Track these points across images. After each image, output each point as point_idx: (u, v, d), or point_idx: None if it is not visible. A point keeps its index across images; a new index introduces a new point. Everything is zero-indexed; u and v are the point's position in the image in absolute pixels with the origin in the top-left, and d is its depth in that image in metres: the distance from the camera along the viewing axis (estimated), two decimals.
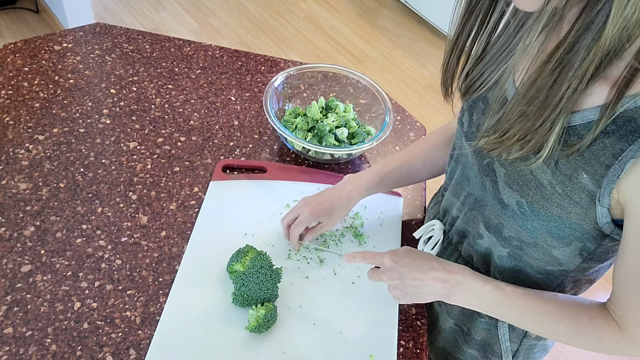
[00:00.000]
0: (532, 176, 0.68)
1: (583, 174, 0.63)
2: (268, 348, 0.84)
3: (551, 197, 0.67)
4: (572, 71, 0.57)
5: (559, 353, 1.96)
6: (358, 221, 1.04)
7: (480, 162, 0.77)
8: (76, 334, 0.83)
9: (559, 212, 0.67)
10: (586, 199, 0.64)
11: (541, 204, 0.68)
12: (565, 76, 0.57)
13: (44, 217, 0.96)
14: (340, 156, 1.12)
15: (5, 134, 1.09)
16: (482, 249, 0.83)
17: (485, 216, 0.79)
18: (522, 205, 0.70)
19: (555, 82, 0.58)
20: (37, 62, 1.25)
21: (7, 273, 0.88)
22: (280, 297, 0.90)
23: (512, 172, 0.70)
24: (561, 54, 0.57)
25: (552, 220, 0.68)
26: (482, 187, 0.77)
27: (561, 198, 0.66)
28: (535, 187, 0.68)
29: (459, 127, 0.83)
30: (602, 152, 0.60)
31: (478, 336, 0.90)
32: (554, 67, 0.58)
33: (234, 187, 1.06)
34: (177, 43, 1.37)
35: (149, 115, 1.17)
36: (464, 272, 0.76)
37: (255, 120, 1.21)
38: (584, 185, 0.63)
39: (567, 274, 0.76)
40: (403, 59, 3.07)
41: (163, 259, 0.94)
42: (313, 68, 1.22)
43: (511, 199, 0.71)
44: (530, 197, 0.69)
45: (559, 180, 0.65)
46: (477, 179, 0.79)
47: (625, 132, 0.58)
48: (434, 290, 0.77)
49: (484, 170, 0.76)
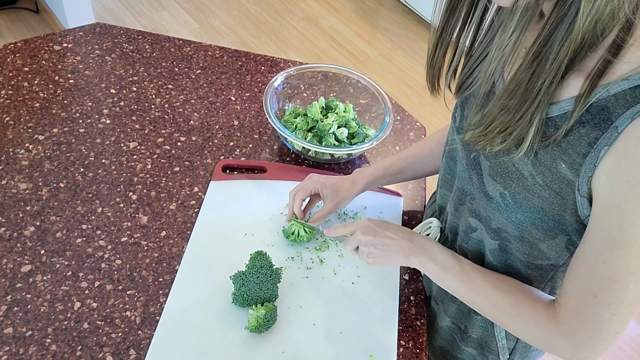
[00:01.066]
0: (514, 168, 0.69)
1: (561, 164, 0.64)
2: (268, 348, 0.84)
3: (532, 188, 0.67)
4: (548, 64, 0.58)
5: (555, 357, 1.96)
6: None
7: (468, 156, 0.78)
8: (76, 334, 0.83)
9: (540, 203, 0.68)
10: (566, 188, 0.65)
11: (523, 195, 0.69)
12: (542, 69, 0.59)
13: (44, 217, 0.96)
14: (340, 156, 1.12)
15: (5, 134, 1.09)
16: (474, 242, 0.84)
17: (473, 210, 0.80)
18: (506, 197, 0.71)
19: (533, 75, 0.60)
20: (37, 62, 1.25)
21: (7, 273, 0.88)
22: (280, 297, 0.90)
23: (495, 164, 0.72)
24: (537, 47, 0.58)
25: (535, 211, 0.69)
26: (470, 181, 0.79)
27: (542, 189, 0.67)
28: (517, 178, 0.69)
29: (452, 122, 0.85)
30: (578, 141, 0.61)
31: (475, 334, 0.91)
32: (531, 61, 0.59)
33: (234, 187, 1.06)
34: (177, 43, 1.37)
35: (149, 115, 1.17)
36: (431, 241, 0.82)
37: (255, 120, 1.21)
38: (563, 175, 0.64)
39: (556, 269, 0.77)
40: (403, 59, 3.07)
41: (163, 259, 0.94)
42: (313, 68, 1.22)
43: (495, 191, 0.73)
44: (512, 188, 0.70)
45: (539, 171, 0.66)
46: (465, 172, 0.80)
47: (598, 121, 0.59)
48: (400, 250, 0.82)
49: (470, 163, 0.78)
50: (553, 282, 0.79)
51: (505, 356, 0.90)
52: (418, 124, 1.28)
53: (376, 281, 0.95)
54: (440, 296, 0.95)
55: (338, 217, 1.04)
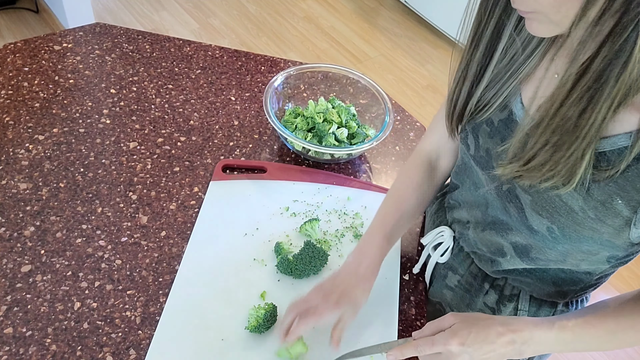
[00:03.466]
0: (561, 202, 0.66)
1: (618, 200, 0.62)
2: (268, 348, 0.84)
3: (583, 221, 0.66)
4: (602, 100, 0.55)
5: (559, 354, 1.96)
6: (358, 221, 1.04)
7: (499, 188, 0.75)
8: (76, 334, 0.83)
9: (591, 234, 0.66)
10: (620, 222, 0.63)
11: (573, 229, 0.67)
12: (595, 105, 0.56)
13: (44, 217, 0.96)
14: (340, 156, 1.12)
15: (5, 134, 1.09)
16: (501, 265, 0.82)
17: (509, 239, 0.77)
18: (553, 231, 0.69)
19: (584, 111, 0.57)
20: (37, 62, 1.25)
21: (7, 273, 0.88)
22: (280, 297, 0.90)
23: (538, 199, 0.69)
24: (587, 82, 0.55)
25: (584, 240, 0.68)
26: (506, 213, 0.75)
27: (594, 222, 0.65)
28: (565, 213, 0.66)
29: (464, 148, 0.81)
30: (637, 177, 0.60)
31: None
32: (580, 96, 0.56)
33: (234, 187, 1.06)
34: (177, 43, 1.37)
35: (149, 115, 1.17)
36: (528, 326, 0.71)
37: (255, 120, 1.21)
38: (619, 211, 0.62)
39: (592, 277, 0.77)
40: (403, 59, 3.07)
41: (163, 259, 0.94)
42: (313, 68, 1.22)
43: (541, 225, 0.70)
44: (561, 222, 0.67)
45: (591, 206, 0.64)
46: (498, 203, 0.77)
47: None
48: (504, 354, 0.72)
49: (505, 196, 0.74)
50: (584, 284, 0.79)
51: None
52: (418, 124, 1.28)
53: (376, 281, 0.94)
54: (457, 305, 0.94)
55: (338, 217, 1.04)
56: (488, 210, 0.80)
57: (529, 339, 0.70)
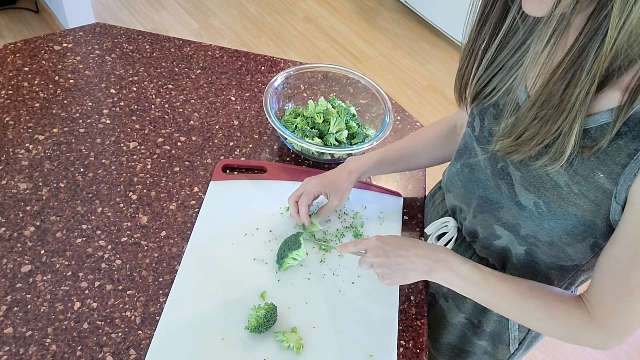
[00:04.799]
0: (548, 177, 0.70)
1: (599, 174, 0.65)
2: (268, 348, 0.84)
3: (568, 196, 0.69)
4: (583, 75, 0.59)
5: (559, 353, 1.96)
6: (358, 221, 1.04)
7: (494, 165, 0.79)
8: (76, 334, 0.83)
9: (574, 211, 0.69)
10: (602, 197, 0.66)
11: (558, 204, 0.70)
12: (578, 80, 0.60)
13: (44, 217, 0.96)
14: (340, 156, 1.12)
15: (5, 134, 1.09)
16: (498, 248, 0.84)
17: (500, 218, 0.80)
18: (540, 206, 0.72)
19: (568, 86, 0.61)
20: (37, 62, 1.25)
21: (7, 273, 0.88)
22: (280, 297, 0.90)
23: (527, 175, 0.72)
24: (571, 59, 0.59)
25: (569, 218, 0.70)
26: (498, 190, 0.79)
27: (577, 197, 0.68)
28: (551, 188, 0.70)
29: (469, 130, 0.85)
30: (617, 152, 0.63)
31: (489, 328, 0.92)
32: (564, 72, 0.60)
33: (234, 187, 1.06)
34: (177, 43, 1.37)
35: (149, 115, 1.17)
36: (447, 251, 0.79)
37: (255, 120, 1.21)
38: (601, 184, 0.65)
39: (578, 268, 0.79)
40: (403, 59, 3.07)
41: (163, 259, 0.94)
42: (313, 68, 1.22)
43: (528, 201, 0.73)
44: (547, 197, 0.71)
45: (575, 181, 0.67)
46: (491, 181, 0.80)
47: (638, 133, 0.61)
48: (416, 267, 0.79)
49: (498, 173, 0.78)
50: (572, 280, 0.82)
51: (514, 346, 0.93)
52: (418, 124, 1.28)
53: (376, 281, 0.95)
54: (453, 294, 0.95)
55: (338, 217, 1.04)
56: (480, 190, 0.83)
57: (443, 261, 0.78)
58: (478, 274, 0.77)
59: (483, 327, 0.93)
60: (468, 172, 0.86)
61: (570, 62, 0.60)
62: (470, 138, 0.85)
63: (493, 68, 0.74)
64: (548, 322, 0.73)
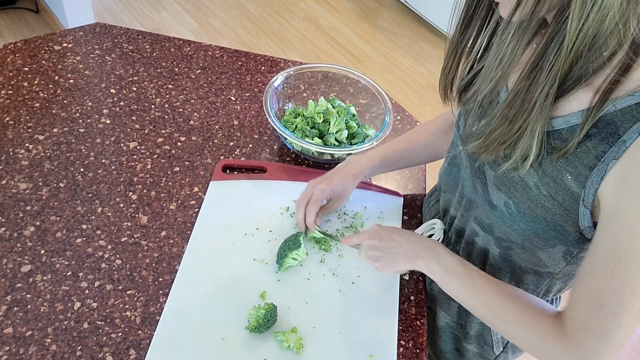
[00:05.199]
0: (519, 178, 0.70)
1: (567, 176, 0.65)
2: (268, 348, 0.84)
3: (536, 198, 0.68)
4: (543, 76, 0.60)
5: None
6: (358, 221, 1.04)
7: (472, 164, 0.79)
8: (76, 334, 0.83)
9: (543, 214, 0.69)
10: (570, 200, 0.65)
11: (527, 205, 0.70)
12: (537, 80, 0.60)
13: (44, 217, 0.96)
14: (341, 156, 1.12)
15: (5, 134, 1.09)
16: (478, 247, 0.85)
17: (477, 216, 0.81)
18: (510, 206, 0.72)
19: (531, 85, 0.61)
20: (37, 62, 1.25)
21: (7, 273, 0.88)
22: (280, 297, 0.90)
23: (500, 174, 0.72)
24: (534, 59, 0.60)
25: (538, 221, 0.70)
26: (474, 189, 0.80)
27: (546, 199, 0.67)
28: (521, 188, 0.70)
29: (456, 130, 0.86)
30: (585, 154, 0.62)
31: (472, 331, 0.93)
32: (528, 72, 0.61)
33: (234, 187, 1.06)
34: (177, 43, 1.37)
35: (149, 115, 1.17)
36: (437, 244, 0.81)
37: (255, 120, 1.21)
38: (568, 187, 0.65)
39: (552, 276, 0.78)
40: (403, 59, 3.07)
41: (163, 259, 0.94)
42: (313, 68, 1.22)
43: (499, 200, 0.73)
44: (516, 198, 0.71)
45: (544, 182, 0.67)
46: (469, 180, 0.81)
47: (606, 135, 0.61)
48: (405, 251, 0.81)
49: (475, 172, 0.79)
50: (548, 288, 0.81)
51: (499, 349, 0.93)
52: (418, 124, 1.28)
53: (376, 281, 0.95)
54: (441, 296, 0.95)
55: (338, 217, 1.04)
56: (462, 189, 0.85)
57: (432, 250, 0.80)
58: (461, 267, 0.77)
59: (467, 330, 0.93)
60: (456, 171, 0.87)
61: (534, 63, 0.60)
62: (456, 137, 0.86)
63: (478, 69, 0.74)
64: (518, 328, 0.70)
